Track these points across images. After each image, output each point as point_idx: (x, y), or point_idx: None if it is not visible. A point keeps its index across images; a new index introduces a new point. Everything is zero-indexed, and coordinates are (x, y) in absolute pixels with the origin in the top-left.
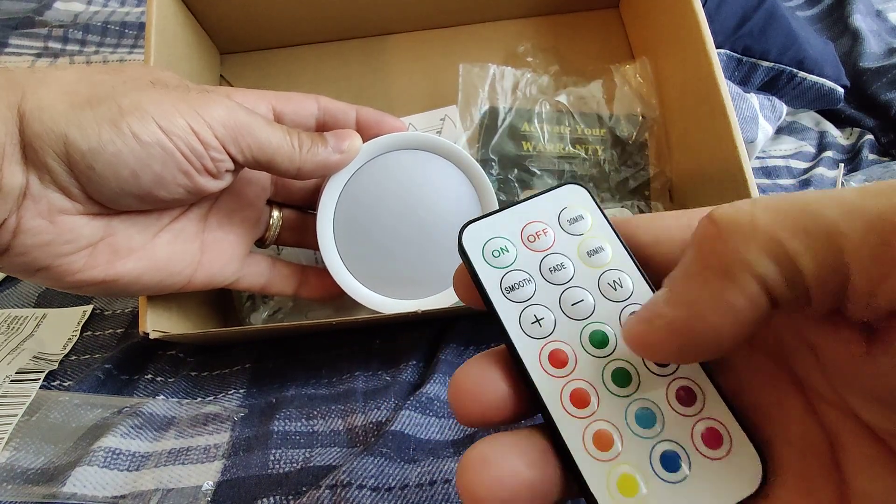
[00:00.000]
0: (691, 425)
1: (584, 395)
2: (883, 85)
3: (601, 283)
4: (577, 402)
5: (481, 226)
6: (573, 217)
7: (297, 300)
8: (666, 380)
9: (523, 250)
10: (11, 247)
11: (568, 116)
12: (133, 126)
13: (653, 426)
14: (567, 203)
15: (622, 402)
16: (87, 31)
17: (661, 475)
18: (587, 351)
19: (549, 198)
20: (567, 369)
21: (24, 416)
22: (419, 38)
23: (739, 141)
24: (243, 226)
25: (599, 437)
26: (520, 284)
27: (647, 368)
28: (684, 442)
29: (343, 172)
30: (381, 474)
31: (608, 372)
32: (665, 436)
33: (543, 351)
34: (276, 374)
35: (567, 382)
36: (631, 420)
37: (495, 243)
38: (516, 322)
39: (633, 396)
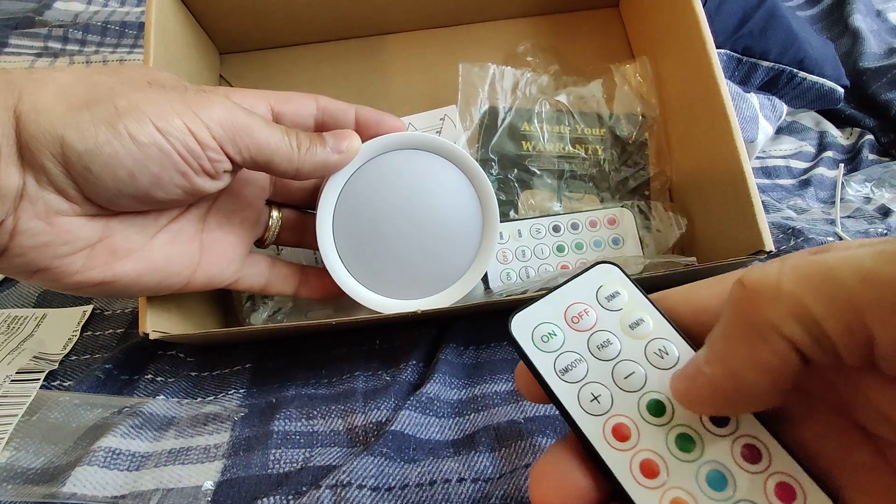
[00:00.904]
0: (763, 482)
1: (652, 464)
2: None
3: (648, 353)
4: (648, 472)
5: (527, 314)
6: (610, 294)
7: (297, 300)
8: (728, 440)
9: (570, 332)
10: (9, 248)
11: (568, 116)
12: (130, 127)
13: (725, 488)
14: (602, 281)
15: (691, 468)
16: (87, 30)
17: None
18: (647, 421)
19: (584, 279)
20: (632, 441)
21: (24, 416)
22: (419, 38)
23: (739, 141)
24: (242, 226)
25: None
26: (572, 365)
27: (708, 430)
28: (759, 500)
29: (342, 172)
30: (381, 474)
31: (671, 439)
32: (739, 496)
33: (606, 427)
34: (276, 374)
35: (634, 454)
36: (703, 484)
37: (543, 329)
38: (576, 402)
39: (701, 460)
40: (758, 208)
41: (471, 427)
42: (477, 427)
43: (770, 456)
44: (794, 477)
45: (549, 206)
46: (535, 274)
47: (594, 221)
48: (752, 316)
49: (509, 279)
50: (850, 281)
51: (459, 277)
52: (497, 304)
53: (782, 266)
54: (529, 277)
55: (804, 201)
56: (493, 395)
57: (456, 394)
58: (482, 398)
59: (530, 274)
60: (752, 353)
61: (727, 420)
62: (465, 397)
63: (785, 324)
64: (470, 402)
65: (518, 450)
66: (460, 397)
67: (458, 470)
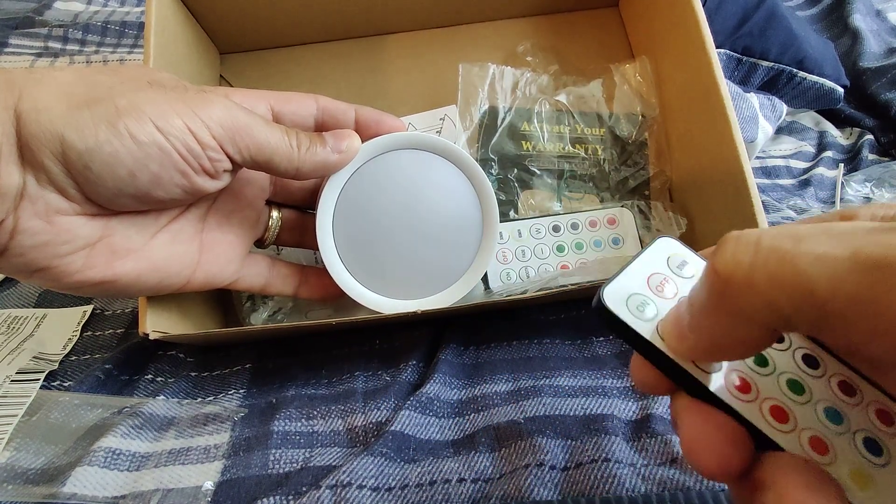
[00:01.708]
0: (865, 411)
1: (781, 410)
2: (883, 85)
3: None
4: (779, 417)
5: (615, 287)
6: (679, 263)
7: (297, 300)
8: (824, 380)
9: (659, 300)
10: (9, 248)
11: (567, 116)
12: (130, 126)
13: (842, 421)
14: (668, 252)
15: (810, 408)
16: (87, 30)
17: (873, 461)
18: (757, 372)
19: (651, 252)
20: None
21: (24, 416)
22: (419, 38)
23: (739, 141)
24: (242, 226)
25: (815, 444)
26: None
27: (806, 373)
28: (869, 427)
29: (342, 172)
30: (381, 474)
31: (783, 385)
32: (855, 426)
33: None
34: (276, 374)
35: (762, 402)
36: (825, 420)
37: (635, 300)
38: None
39: (813, 401)
40: (758, 208)
41: (471, 427)
42: (477, 427)
43: (861, 389)
44: (884, 403)
45: (549, 206)
46: (535, 274)
47: (594, 221)
48: (727, 300)
49: (509, 279)
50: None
51: (459, 277)
52: (497, 304)
53: (755, 258)
54: (529, 277)
55: (804, 201)
56: (492, 395)
57: (456, 394)
58: (482, 398)
59: (530, 274)
60: (729, 329)
61: (817, 362)
62: (464, 397)
63: (757, 313)
64: (470, 403)
65: (518, 450)
66: (460, 397)
67: (458, 470)
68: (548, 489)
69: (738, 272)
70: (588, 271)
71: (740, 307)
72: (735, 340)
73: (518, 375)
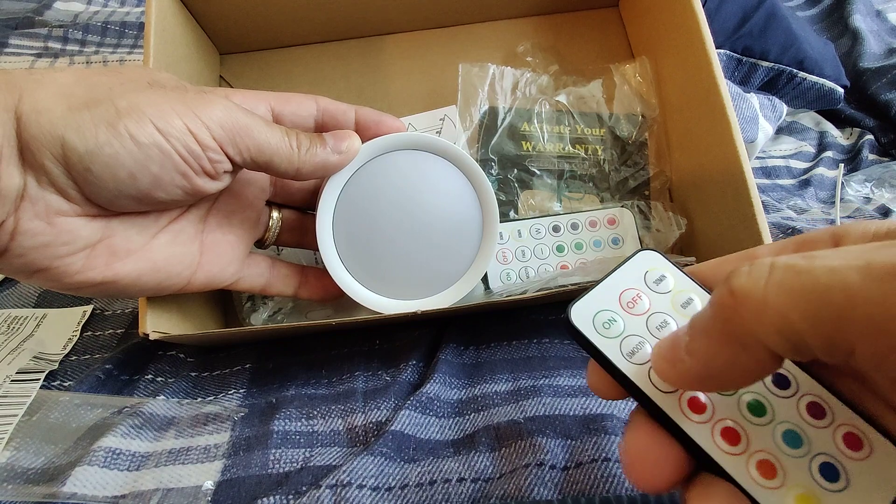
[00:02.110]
0: (832, 434)
1: (733, 432)
2: (883, 85)
3: None
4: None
5: (584, 303)
6: (657, 278)
7: (297, 301)
8: (793, 400)
9: (628, 317)
10: (9, 249)
11: (567, 116)
12: (130, 128)
13: (801, 444)
14: (647, 267)
15: (767, 430)
16: (87, 31)
17: (826, 486)
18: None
19: (629, 267)
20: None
21: (24, 416)
22: (418, 38)
23: (739, 141)
24: (242, 227)
25: (763, 468)
26: (638, 347)
27: (772, 393)
28: (832, 451)
29: (342, 173)
30: (381, 474)
31: (744, 406)
32: (815, 450)
33: (682, 402)
34: (276, 374)
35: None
36: (781, 444)
37: (603, 316)
38: (649, 382)
39: (774, 422)
40: (758, 208)
41: (471, 427)
42: (477, 427)
43: (832, 410)
44: (857, 426)
45: (548, 207)
46: (535, 274)
47: (594, 221)
48: (736, 324)
49: (509, 279)
50: (836, 299)
51: (459, 277)
52: (497, 304)
53: (770, 276)
54: (529, 277)
55: (804, 201)
56: (492, 395)
57: (456, 394)
58: (482, 398)
59: (530, 274)
60: (731, 358)
61: (788, 381)
62: (464, 397)
63: (767, 336)
64: (470, 402)
65: (518, 450)
66: (460, 397)
67: (458, 470)
68: (548, 489)
69: (755, 291)
70: (588, 271)
71: (751, 329)
72: (735, 367)
73: (518, 375)
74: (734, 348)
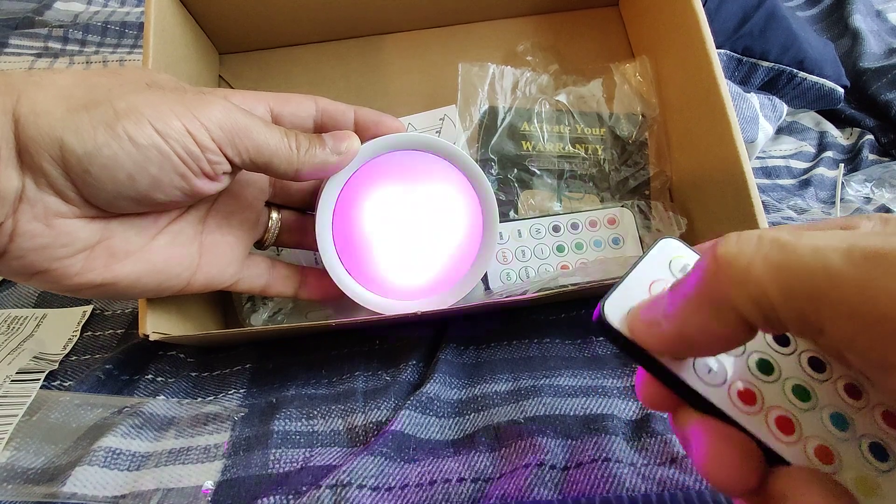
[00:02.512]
0: (871, 414)
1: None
2: (883, 85)
3: None
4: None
5: (615, 300)
6: (682, 266)
7: (297, 301)
8: (831, 382)
9: None
10: (8, 251)
11: (567, 116)
12: (129, 129)
13: (848, 427)
14: (670, 255)
15: (815, 415)
16: (87, 31)
17: (879, 467)
18: (762, 380)
19: (653, 256)
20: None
21: (24, 416)
22: (418, 38)
23: (739, 141)
24: (242, 227)
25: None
26: None
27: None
28: (875, 431)
29: (342, 173)
30: (381, 474)
31: (788, 391)
32: (860, 431)
33: (732, 394)
34: (276, 374)
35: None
36: (831, 427)
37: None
38: (696, 377)
39: (819, 406)
40: (758, 208)
41: (471, 427)
42: (477, 427)
43: (866, 390)
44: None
45: (549, 206)
46: (535, 274)
47: (594, 221)
48: (714, 289)
49: (509, 279)
50: (815, 278)
51: (459, 278)
52: (497, 304)
53: (757, 248)
54: (529, 277)
55: (804, 201)
56: (492, 395)
57: (456, 394)
58: (482, 398)
59: (530, 274)
60: (705, 322)
61: (823, 365)
62: (464, 397)
63: (743, 304)
64: (470, 402)
65: (518, 450)
66: (460, 397)
67: (458, 470)
68: (548, 489)
69: (740, 259)
70: (588, 271)
71: (727, 295)
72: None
73: (518, 375)
74: (712, 310)
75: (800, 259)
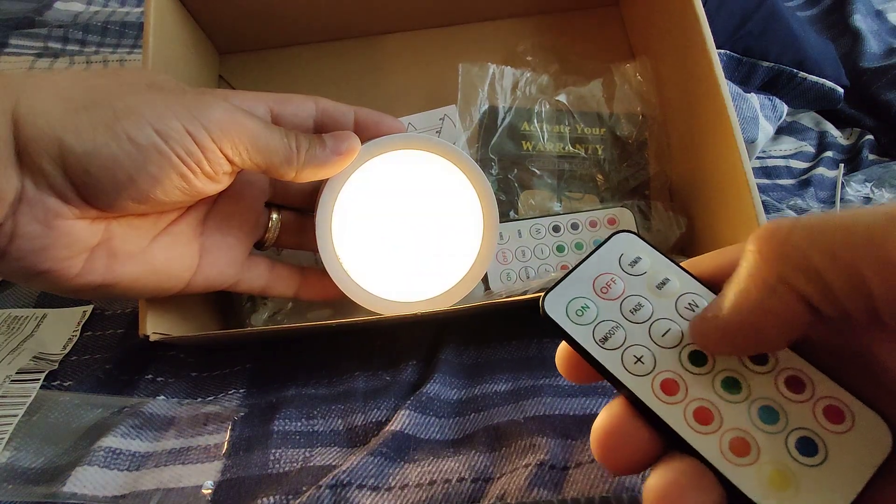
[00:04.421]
0: (811, 408)
1: (705, 411)
2: (883, 85)
3: (679, 308)
4: (702, 419)
5: (557, 293)
6: (632, 260)
7: (297, 301)
8: (771, 375)
9: (602, 302)
10: (8, 252)
11: (568, 116)
12: (128, 129)
13: (777, 420)
14: (622, 250)
15: (742, 407)
16: (87, 31)
17: (803, 462)
18: (691, 372)
19: (604, 250)
20: (681, 394)
21: (24, 416)
22: (418, 38)
23: (739, 141)
24: (242, 228)
25: (736, 445)
26: (611, 333)
27: (749, 370)
28: (811, 425)
29: (342, 174)
30: (381, 474)
31: (717, 384)
32: (792, 425)
33: (655, 384)
34: (276, 374)
35: (687, 404)
36: (756, 420)
37: (576, 304)
38: (621, 367)
39: (749, 399)
40: (758, 209)
41: (471, 427)
42: (477, 427)
43: (813, 384)
44: (840, 398)
45: (549, 206)
46: (535, 274)
47: (594, 221)
48: (762, 267)
49: (509, 279)
50: (856, 238)
51: (459, 278)
52: (497, 304)
53: (796, 221)
54: (529, 277)
55: (804, 201)
56: (492, 395)
57: (456, 394)
58: (482, 398)
59: (530, 274)
60: (760, 302)
61: (766, 357)
62: (464, 397)
63: (792, 276)
64: (470, 402)
65: (518, 450)
66: (460, 397)
67: (458, 470)
68: (548, 489)
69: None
70: None
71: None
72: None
73: (518, 375)
74: (762, 291)
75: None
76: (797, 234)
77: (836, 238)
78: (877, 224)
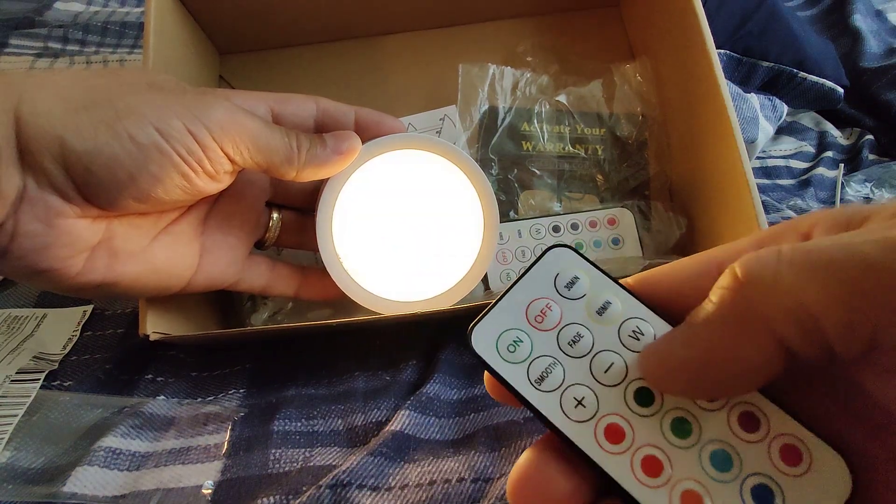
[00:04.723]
0: (766, 449)
1: (654, 460)
2: (883, 85)
3: (622, 337)
4: (651, 470)
5: (487, 325)
6: (569, 281)
7: (297, 301)
8: (724, 412)
9: (536, 334)
10: (9, 250)
11: (568, 116)
12: (129, 128)
13: (731, 466)
14: (558, 268)
15: (693, 453)
16: (87, 31)
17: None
18: (637, 413)
19: (538, 270)
20: (627, 441)
21: (24, 416)
22: (418, 38)
23: (739, 141)
24: (243, 228)
25: (688, 499)
26: (548, 371)
27: (700, 407)
28: (767, 469)
29: (342, 173)
30: (381, 474)
31: (666, 426)
32: (747, 470)
33: (598, 430)
34: (276, 374)
35: (633, 453)
36: (709, 468)
37: (507, 337)
38: (560, 412)
39: (701, 442)
40: (758, 209)
41: (471, 427)
42: (477, 427)
43: (768, 420)
44: (797, 436)
45: (549, 206)
46: None
47: (594, 221)
48: (743, 309)
49: (509, 279)
50: (854, 273)
51: (459, 278)
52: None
53: (780, 257)
54: None
55: (804, 201)
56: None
57: (456, 394)
58: (482, 398)
59: None
60: (734, 346)
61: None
62: (464, 397)
63: (778, 319)
64: (470, 402)
65: (518, 450)
66: (460, 397)
67: (458, 470)
68: None
69: (766, 270)
70: None
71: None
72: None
73: None
74: (739, 335)
75: (832, 258)
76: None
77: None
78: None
